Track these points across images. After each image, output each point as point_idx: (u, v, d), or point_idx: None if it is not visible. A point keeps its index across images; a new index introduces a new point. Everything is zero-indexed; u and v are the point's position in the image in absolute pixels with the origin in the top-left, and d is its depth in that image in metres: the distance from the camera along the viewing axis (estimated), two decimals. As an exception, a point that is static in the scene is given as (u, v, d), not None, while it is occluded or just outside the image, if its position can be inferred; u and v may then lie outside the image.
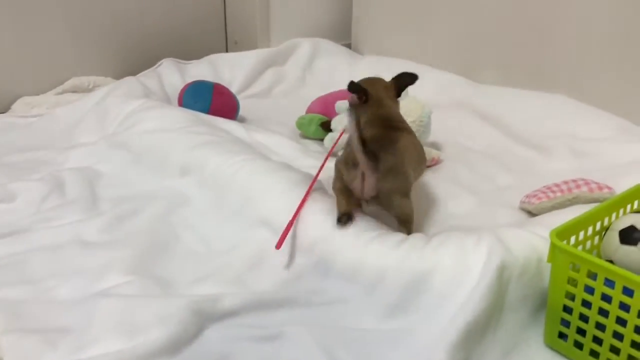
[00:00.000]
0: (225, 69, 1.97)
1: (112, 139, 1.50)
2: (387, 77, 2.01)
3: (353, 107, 1.03)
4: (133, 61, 2.00)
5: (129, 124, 1.51)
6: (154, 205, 1.25)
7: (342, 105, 1.49)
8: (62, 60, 1.88)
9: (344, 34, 2.26)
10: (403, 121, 1.17)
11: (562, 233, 0.87)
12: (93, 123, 1.61)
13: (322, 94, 1.89)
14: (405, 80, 1.18)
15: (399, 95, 1.19)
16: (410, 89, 1.26)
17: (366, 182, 1.01)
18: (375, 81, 1.20)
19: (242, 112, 1.73)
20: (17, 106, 1.78)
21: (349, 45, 2.23)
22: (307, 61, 2.08)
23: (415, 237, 1.03)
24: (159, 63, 1.92)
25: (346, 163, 1.05)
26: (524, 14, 1.70)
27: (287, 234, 1.04)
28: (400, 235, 1.03)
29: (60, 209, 1.24)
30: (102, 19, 1.92)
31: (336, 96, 1.62)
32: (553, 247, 0.84)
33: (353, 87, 1.10)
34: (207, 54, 2.04)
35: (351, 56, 2.14)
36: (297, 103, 1.87)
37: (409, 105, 1.43)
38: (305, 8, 2.17)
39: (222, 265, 1.09)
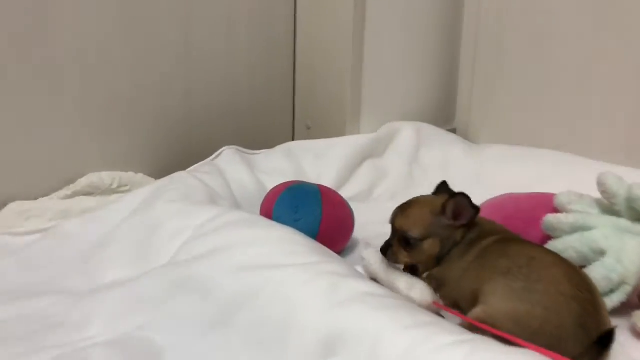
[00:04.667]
0: (308, 161, 1.39)
1: (172, 275, 0.88)
2: (520, 174, 1.50)
3: None
4: (168, 151, 1.41)
5: (202, 250, 0.89)
6: None
7: (559, 221, 0.91)
8: (73, 148, 1.28)
9: (445, 117, 1.73)
10: None
11: None
12: (131, 246, 0.99)
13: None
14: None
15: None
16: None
17: None
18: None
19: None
20: (6, 215, 1.15)
21: (453, 131, 1.70)
22: (412, 152, 1.52)
23: None
24: (217, 152, 1.33)
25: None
26: None
27: None
28: None
29: None
30: (129, 94, 1.34)
31: (521, 201, 1.05)
32: None
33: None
34: (268, 142, 1.47)
35: (467, 145, 1.60)
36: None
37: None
38: (399, 87, 1.64)
39: None
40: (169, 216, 1.00)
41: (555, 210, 0.96)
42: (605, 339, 0.66)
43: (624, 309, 0.84)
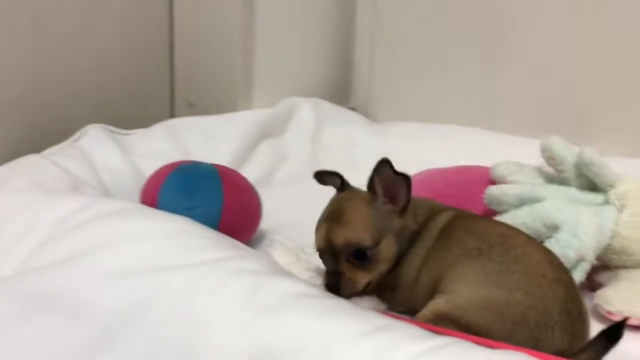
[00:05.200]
0: (196, 142, 1.17)
1: (24, 289, 0.64)
2: (430, 151, 1.42)
3: None
4: (16, 134, 1.10)
5: (64, 253, 0.66)
6: None
7: (505, 192, 0.79)
8: None
9: (342, 96, 1.59)
10: None
11: None
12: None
13: (347, 175, 1.25)
14: None
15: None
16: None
17: None
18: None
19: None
20: None
21: (352, 110, 1.56)
22: (313, 130, 1.36)
23: None
24: (80, 132, 1.07)
25: None
26: None
27: None
28: None
29: None
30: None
31: (450, 175, 0.93)
32: None
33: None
34: (141, 122, 1.22)
35: (370, 123, 1.47)
36: (317, 195, 1.17)
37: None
38: (293, 60, 1.46)
39: None
40: (14, 210, 0.74)
41: (493, 182, 0.84)
42: (615, 331, 0.54)
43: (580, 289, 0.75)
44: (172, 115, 1.43)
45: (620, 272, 0.76)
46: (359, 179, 1.15)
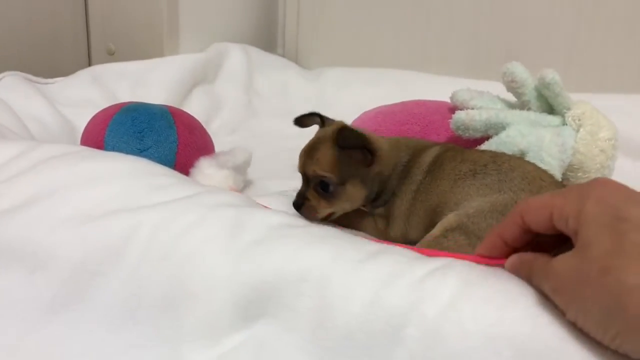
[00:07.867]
0: (124, 89, 1.08)
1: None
2: (365, 94, 1.42)
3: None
4: None
5: (12, 201, 0.57)
6: None
7: (472, 118, 0.78)
8: None
9: (269, 43, 1.53)
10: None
11: None
12: None
13: (282, 124, 1.22)
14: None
15: None
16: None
17: None
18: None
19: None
20: None
21: (281, 57, 1.51)
22: (246, 77, 1.30)
23: None
24: (-7, 79, 0.95)
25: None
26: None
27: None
28: None
29: None
30: None
31: (410, 107, 0.91)
32: None
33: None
34: (55, 72, 1.11)
35: (302, 70, 1.44)
36: (255, 142, 1.14)
37: (597, 117, 0.80)
38: (217, 4, 1.38)
39: None
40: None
41: (454, 109, 0.84)
42: None
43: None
44: (90, 64, 1.31)
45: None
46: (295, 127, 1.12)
